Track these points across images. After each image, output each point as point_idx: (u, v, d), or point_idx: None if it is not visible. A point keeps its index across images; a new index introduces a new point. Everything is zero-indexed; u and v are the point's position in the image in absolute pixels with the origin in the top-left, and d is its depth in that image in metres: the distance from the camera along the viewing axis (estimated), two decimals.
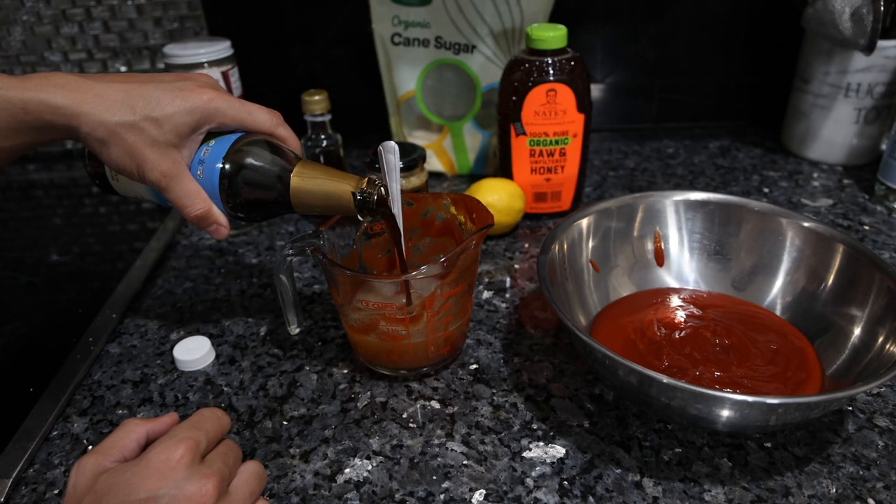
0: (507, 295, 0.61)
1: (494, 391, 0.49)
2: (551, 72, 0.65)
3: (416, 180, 0.66)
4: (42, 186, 0.91)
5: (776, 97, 0.91)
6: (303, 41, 0.90)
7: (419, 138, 0.83)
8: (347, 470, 0.43)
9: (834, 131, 0.81)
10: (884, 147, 0.78)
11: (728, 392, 0.38)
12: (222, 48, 0.73)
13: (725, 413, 0.39)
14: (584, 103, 0.67)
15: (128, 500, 0.32)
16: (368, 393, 0.50)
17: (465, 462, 0.43)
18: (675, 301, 0.55)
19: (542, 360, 0.52)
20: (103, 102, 0.41)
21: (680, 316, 0.53)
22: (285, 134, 0.48)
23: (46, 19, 0.89)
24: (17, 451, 0.45)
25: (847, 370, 0.45)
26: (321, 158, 0.69)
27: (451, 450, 0.44)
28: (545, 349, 0.53)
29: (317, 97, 0.70)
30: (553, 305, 0.44)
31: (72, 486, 0.33)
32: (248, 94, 0.80)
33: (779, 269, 0.54)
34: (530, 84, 0.66)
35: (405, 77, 0.79)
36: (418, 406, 0.48)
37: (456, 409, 0.48)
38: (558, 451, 0.44)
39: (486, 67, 0.76)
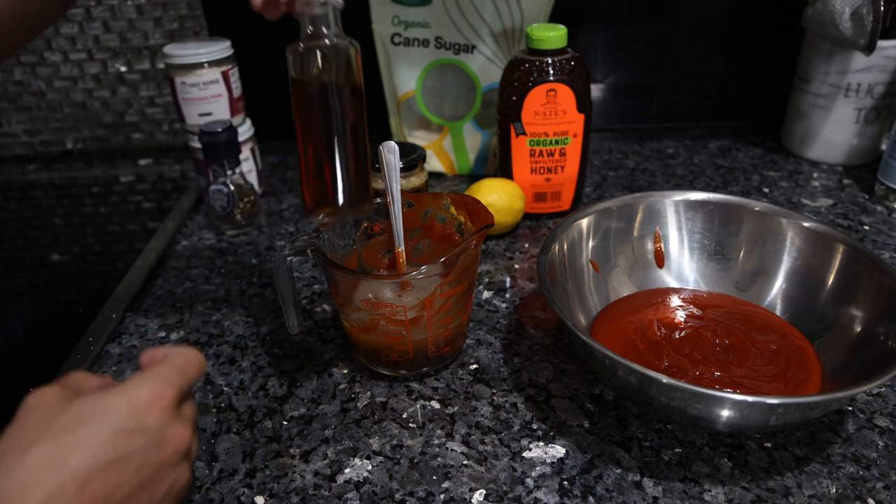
0: (507, 295, 0.61)
1: (494, 391, 0.49)
2: (551, 72, 0.65)
3: (416, 180, 0.66)
4: (42, 186, 0.91)
5: (776, 97, 0.91)
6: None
7: (419, 138, 0.83)
8: (347, 470, 0.43)
9: (834, 131, 0.81)
10: (884, 147, 0.78)
11: (728, 392, 0.38)
12: (222, 48, 0.73)
13: (725, 413, 0.39)
14: (584, 103, 0.67)
15: (117, 427, 0.30)
16: (368, 393, 0.50)
17: (465, 462, 0.43)
18: (675, 301, 0.55)
19: (542, 360, 0.52)
20: None
21: (680, 316, 0.53)
22: None
23: None
24: None
25: (847, 370, 0.45)
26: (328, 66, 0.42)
27: (451, 450, 0.44)
28: (545, 349, 0.53)
29: None
30: (553, 305, 0.44)
31: (32, 407, 0.31)
32: (248, 94, 0.80)
33: (779, 269, 0.54)
34: (530, 84, 0.66)
35: (405, 77, 0.79)
36: (418, 406, 0.48)
37: (456, 409, 0.48)
38: (558, 451, 0.44)
39: (486, 67, 0.76)
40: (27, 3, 0.41)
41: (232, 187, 0.69)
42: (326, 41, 0.40)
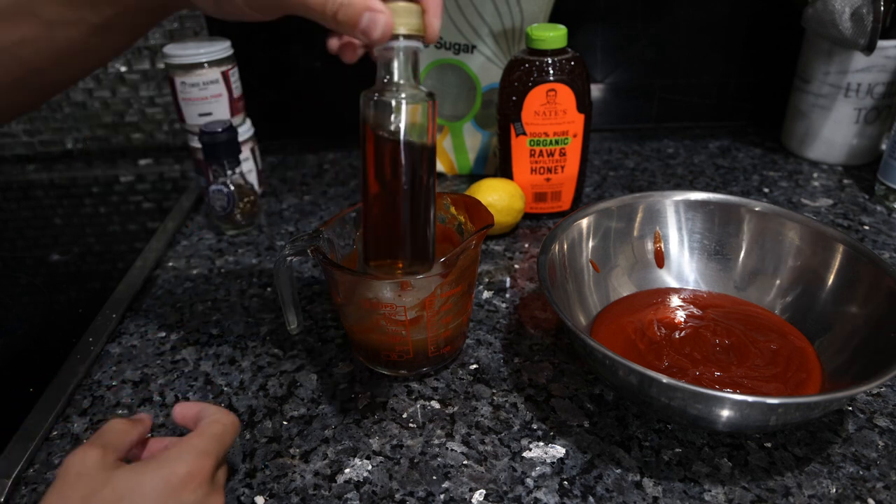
0: (507, 295, 0.61)
1: (494, 391, 0.49)
2: (551, 72, 0.65)
3: None
4: (42, 186, 0.91)
5: (776, 97, 0.91)
6: (303, 41, 0.89)
7: None
8: (347, 470, 0.43)
9: (834, 131, 0.81)
10: (884, 147, 0.78)
11: (728, 392, 0.38)
12: (222, 48, 0.73)
13: (725, 413, 0.39)
14: (584, 103, 0.67)
15: None
16: (368, 393, 0.50)
17: (465, 462, 0.43)
18: (675, 301, 0.55)
19: (542, 360, 0.52)
20: None
21: (680, 316, 0.53)
22: None
23: None
24: (17, 451, 0.45)
25: (847, 370, 0.45)
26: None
27: (451, 450, 0.44)
28: (545, 349, 0.53)
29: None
30: (553, 306, 0.44)
31: (75, 474, 0.32)
32: (248, 94, 0.80)
33: (779, 269, 0.54)
34: (530, 84, 0.66)
35: None
36: (418, 406, 0.48)
37: (456, 409, 0.48)
38: (558, 451, 0.44)
39: (486, 67, 0.76)
40: (97, 36, 0.39)
41: (232, 187, 0.69)
42: (403, 93, 0.38)
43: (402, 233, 0.40)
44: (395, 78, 0.39)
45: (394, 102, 0.38)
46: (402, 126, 0.38)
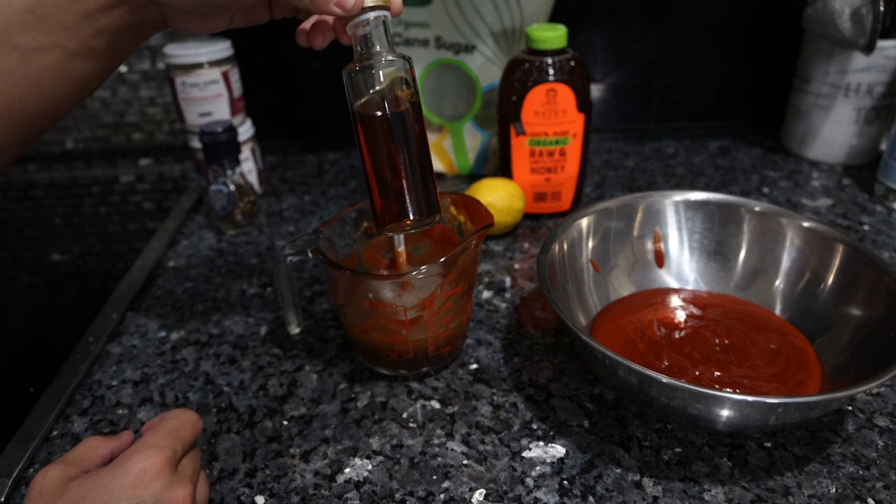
0: (507, 295, 0.61)
1: (494, 391, 0.49)
2: (551, 72, 0.65)
3: None
4: (42, 186, 0.91)
5: (776, 97, 0.91)
6: None
7: None
8: (347, 469, 0.43)
9: (834, 131, 0.81)
10: (883, 147, 0.78)
11: (728, 392, 0.38)
12: (222, 48, 0.73)
13: (725, 413, 0.39)
14: (584, 103, 0.67)
15: None
16: (368, 393, 0.50)
17: (465, 462, 0.43)
18: (675, 301, 0.55)
19: (542, 360, 0.52)
20: None
21: (680, 316, 0.53)
22: None
23: None
24: (17, 451, 0.45)
25: (847, 370, 0.45)
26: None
27: (451, 449, 0.44)
28: (545, 349, 0.53)
29: None
30: (553, 305, 0.44)
31: (36, 492, 0.33)
32: (248, 94, 0.80)
33: (779, 269, 0.54)
34: (530, 84, 0.66)
35: None
36: (418, 406, 0.48)
37: (456, 408, 0.48)
38: (558, 450, 0.44)
39: (486, 67, 0.76)
40: (73, 63, 0.38)
41: (232, 187, 0.69)
42: (381, 59, 0.41)
43: (408, 191, 0.42)
44: (372, 48, 0.41)
45: (375, 67, 0.41)
46: (388, 87, 0.41)
